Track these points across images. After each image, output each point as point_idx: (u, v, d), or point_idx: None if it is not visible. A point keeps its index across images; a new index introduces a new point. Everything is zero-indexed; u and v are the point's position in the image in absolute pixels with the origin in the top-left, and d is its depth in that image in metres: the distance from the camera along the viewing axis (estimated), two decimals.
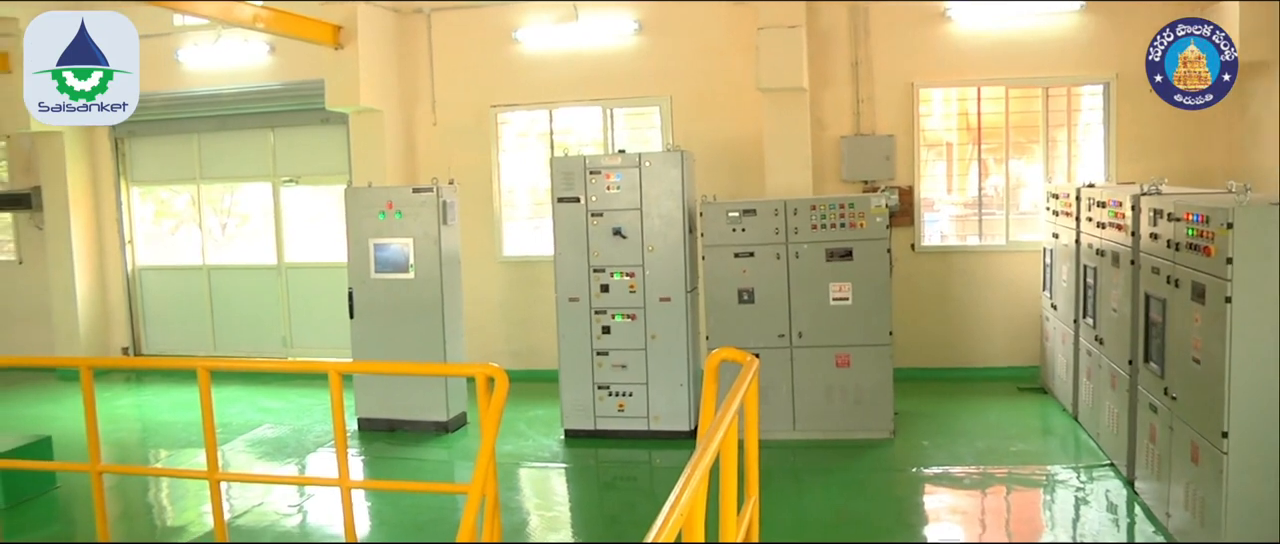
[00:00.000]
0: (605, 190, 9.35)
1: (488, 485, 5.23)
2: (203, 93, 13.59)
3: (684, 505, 2.66)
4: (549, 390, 10.17)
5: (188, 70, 13.70)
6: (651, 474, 9.02)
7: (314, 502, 8.27)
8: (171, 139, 14.20)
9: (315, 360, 12.40)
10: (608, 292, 9.38)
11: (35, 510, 8.48)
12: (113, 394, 12.87)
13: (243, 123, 13.63)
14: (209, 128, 13.87)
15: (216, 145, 14.02)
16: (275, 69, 13.25)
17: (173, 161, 14.34)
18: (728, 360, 4.54)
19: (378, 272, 9.97)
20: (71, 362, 9.84)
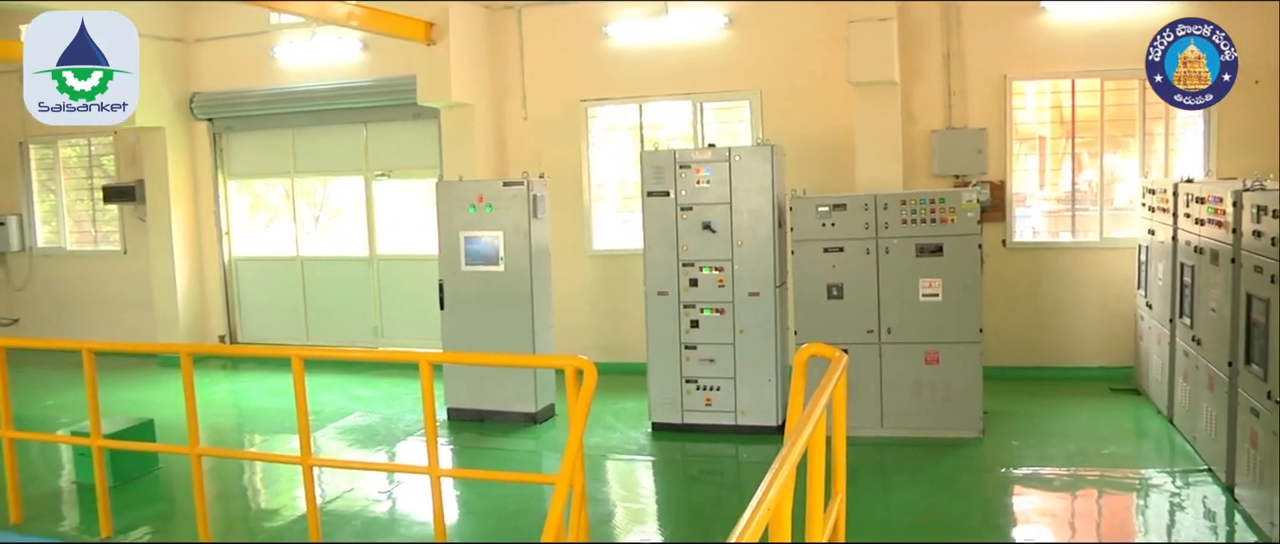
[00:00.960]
0: (695, 184, 9.35)
1: (575, 477, 5.29)
2: (298, 89, 13.88)
3: (771, 501, 2.67)
4: (637, 383, 10.21)
5: (283, 67, 14.03)
6: (738, 469, 9.01)
7: (403, 489, 8.41)
8: (267, 134, 14.53)
9: (406, 350, 12.56)
10: (696, 286, 9.39)
11: (140, 489, 8.76)
12: (210, 380, 13.21)
13: (336, 118, 13.88)
14: (303, 123, 14.16)
15: (310, 140, 14.30)
16: (368, 65, 13.48)
17: (268, 156, 14.67)
18: (816, 356, 4.53)
19: (468, 264, 10.09)
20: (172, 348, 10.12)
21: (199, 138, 14.81)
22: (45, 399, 12.29)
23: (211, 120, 14.70)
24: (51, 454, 10.01)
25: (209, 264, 15.02)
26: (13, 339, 10.30)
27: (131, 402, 11.69)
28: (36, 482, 9.08)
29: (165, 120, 14.35)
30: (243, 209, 15.24)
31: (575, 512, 5.42)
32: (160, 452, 8.96)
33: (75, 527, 8.07)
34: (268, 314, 14.97)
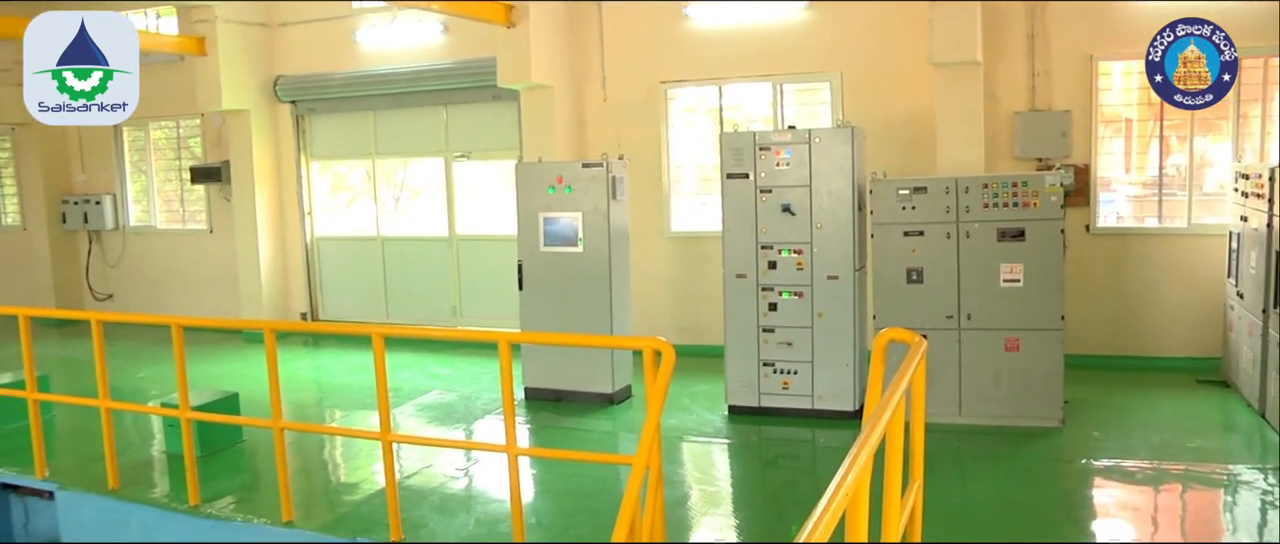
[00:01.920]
0: (774, 167, 9.30)
1: (652, 458, 5.31)
2: (379, 72, 14.05)
3: (849, 487, 2.66)
4: (713, 366, 10.21)
5: (365, 51, 14.21)
6: (814, 453, 8.98)
7: (480, 466, 8.51)
8: (349, 116, 14.74)
9: (485, 330, 12.68)
10: (775, 268, 9.36)
11: (225, 461, 9.01)
12: (292, 356, 13.47)
13: (417, 100, 14.03)
14: (384, 105, 14.33)
15: (391, 122, 14.47)
16: (448, 48, 13.60)
17: (350, 137, 14.89)
18: (896, 341, 4.50)
19: (547, 245, 10.15)
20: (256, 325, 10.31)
21: (282, 120, 15.08)
22: (137, 371, 12.66)
23: (295, 103, 14.94)
24: (143, 424, 10.30)
25: (291, 243, 15.30)
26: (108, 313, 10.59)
27: (217, 375, 11.95)
28: (130, 450, 9.40)
29: (250, 103, 14.62)
30: (324, 189, 15.48)
31: (651, 493, 5.44)
32: (245, 425, 9.16)
33: (165, 494, 8.32)
34: (348, 293, 15.20)
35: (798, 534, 2.35)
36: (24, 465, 8.93)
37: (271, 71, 14.88)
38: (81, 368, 12.29)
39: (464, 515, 7.41)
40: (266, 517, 7.51)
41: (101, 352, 8.17)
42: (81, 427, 9.98)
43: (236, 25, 14.38)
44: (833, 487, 2.62)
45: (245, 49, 14.55)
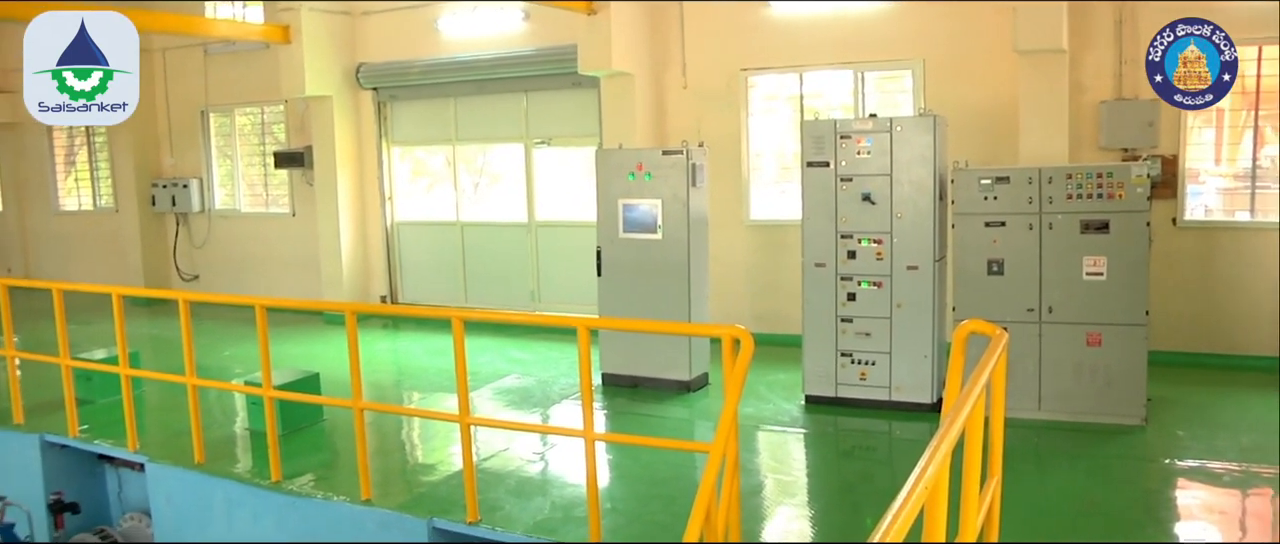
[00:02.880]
0: (855, 155, 9.22)
1: (729, 446, 5.31)
2: (460, 59, 14.17)
3: (929, 480, 2.65)
4: (791, 355, 10.18)
5: (446, 38, 14.35)
6: (890, 445, 8.92)
7: (556, 451, 8.56)
8: (430, 103, 14.92)
9: (564, 315, 12.75)
10: (854, 258, 9.28)
11: (306, 439, 9.21)
12: (372, 338, 13.66)
13: (497, 87, 14.12)
14: (465, 92, 14.46)
15: (472, 108, 14.60)
16: (529, 35, 13.67)
17: (430, 124, 15.06)
18: (976, 333, 4.46)
19: (626, 231, 10.18)
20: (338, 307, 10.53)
21: (364, 106, 15.28)
22: (222, 350, 12.94)
23: (376, 89, 15.13)
24: (227, 401, 10.51)
25: (372, 227, 15.50)
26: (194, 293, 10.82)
27: (298, 355, 12.17)
28: (215, 426, 9.62)
29: (333, 90, 14.84)
30: (404, 175, 15.66)
31: (727, 481, 5.44)
32: (325, 404, 9.31)
33: (248, 469, 8.53)
34: (428, 276, 15.38)
35: (875, 528, 2.34)
36: (117, 438, 9.24)
37: (354, 59, 15.07)
38: (169, 346, 12.62)
39: (540, 499, 7.46)
40: (345, 494, 7.64)
41: (188, 330, 8.39)
42: (169, 402, 10.23)
43: (320, 14, 14.60)
44: (912, 481, 2.61)
45: (329, 37, 14.76)
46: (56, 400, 9.89)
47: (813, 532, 6.77)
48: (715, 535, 5.29)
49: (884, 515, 2.41)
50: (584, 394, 6.31)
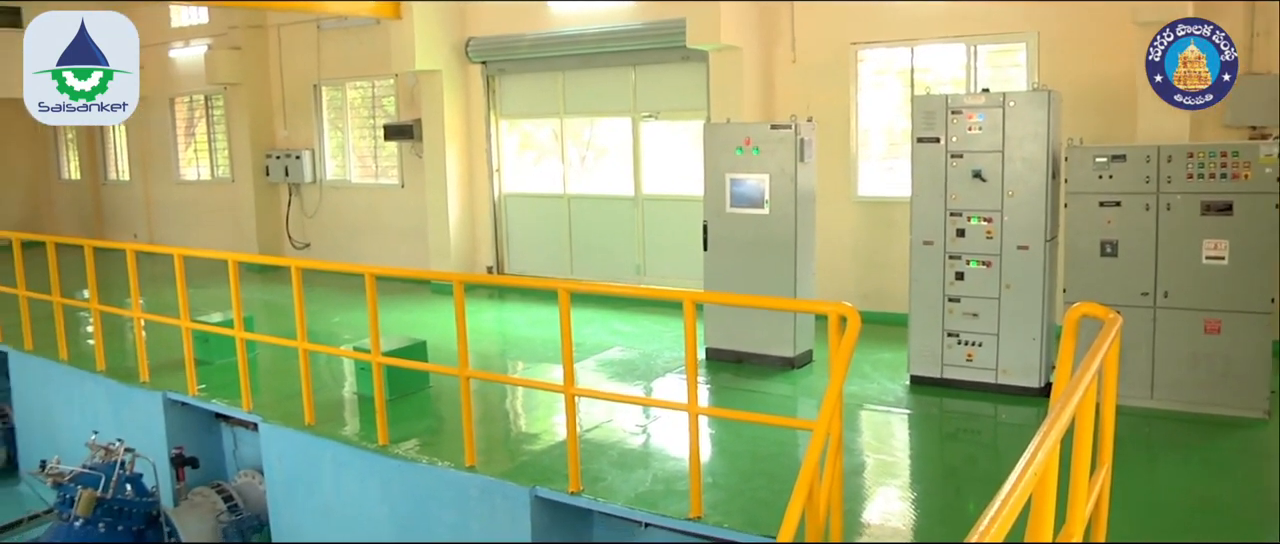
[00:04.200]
0: (966, 131, 9.02)
1: (833, 424, 5.28)
2: (568, 33, 14.22)
3: (1038, 466, 2.60)
4: (895, 334, 10.07)
5: (554, 12, 14.46)
6: (995, 429, 8.75)
7: (658, 424, 8.59)
8: (538, 76, 15.01)
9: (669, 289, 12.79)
10: (963, 236, 9.10)
11: (412, 404, 9.38)
12: (478, 308, 13.83)
13: (605, 61, 14.13)
14: (573, 66, 14.51)
15: (579, 82, 14.65)
16: (638, 9, 13.67)
17: (538, 97, 15.15)
18: (1088, 316, 4.35)
19: (733, 206, 10.14)
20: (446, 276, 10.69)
21: (473, 80, 15.44)
22: (331, 317, 13.24)
23: (485, 63, 15.27)
24: (336, 366, 10.76)
25: (479, 199, 15.68)
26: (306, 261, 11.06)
27: (405, 323, 12.39)
28: (324, 389, 9.88)
29: (442, 64, 15.02)
30: (512, 148, 15.78)
31: (831, 460, 5.42)
32: (432, 371, 9.46)
33: (356, 433, 8.73)
34: (534, 248, 15.51)
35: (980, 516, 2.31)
36: (232, 398, 9.56)
37: (463, 33, 15.21)
38: (281, 311, 12.98)
39: (641, 471, 7.49)
40: (450, 460, 7.78)
41: (300, 297, 8.63)
42: (281, 365, 10.53)
43: None
44: (1020, 468, 2.56)
45: (438, 13, 14.94)
46: (177, 360, 10.27)
47: (914, 515, 6.68)
48: (817, 514, 5.27)
49: (990, 503, 2.37)
50: (689, 368, 6.33)
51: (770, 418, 8.40)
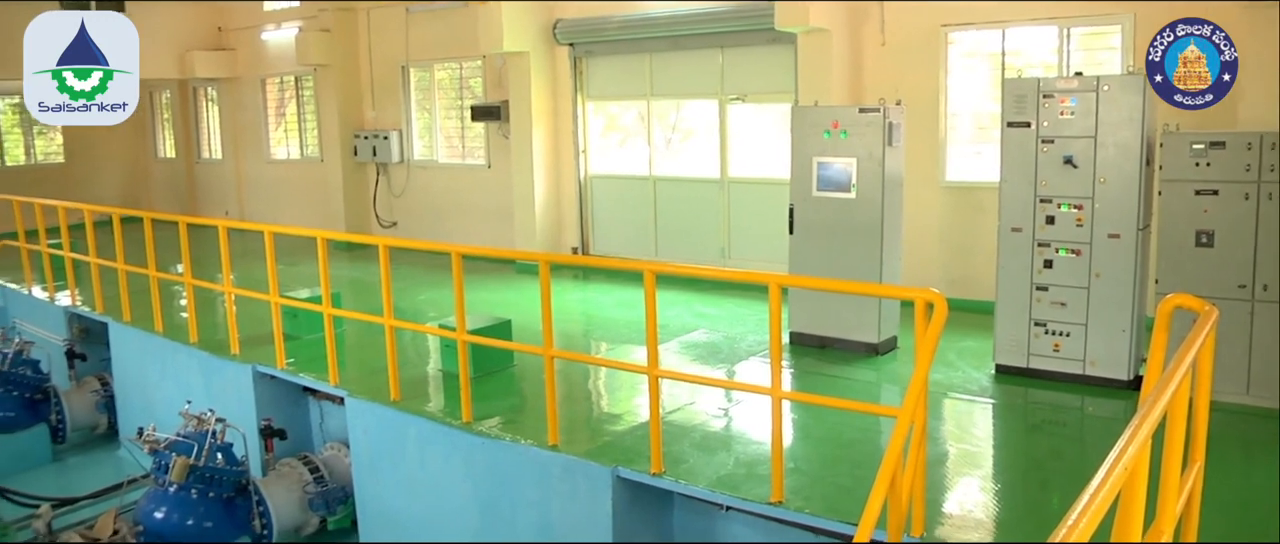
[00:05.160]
0: (1058, 115, 8.82)
1: (918, 412, 5.23)
2: (656, 15, 14.20)
3: (1129, 461, 2.55)
4: (981, 322, 9.95)
5: None
6: (1082, 422, 8.59)
7: (740, 408, 8.57)
8: (625, 58, 15.01)
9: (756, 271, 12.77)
10: (1053, 224, 8.93)
11: (496, 382, 9.46)
12: (562, 288, 13.88)
13: (693, 43, 14.08)
14: (660, 47, 14.48)
15: (667, 64, 14.63)
16: None
17: (625, 79, 15.16)
18: (1182, 308, 4.26)
19: (819, 190, 10.07)
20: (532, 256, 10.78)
21: (560, 62, 15.49)
22: (417, 294, 13.41)
23: (572, 45, 15.31)
24: (421, 343, 10.91)
25: (565, 180, 15.75)
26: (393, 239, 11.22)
27: (490, 302, 12.52)
28: (409, 366, 10.04)
29: (529, 45, 15.10)
30: (597, 129, 15.82)
31: (914, 448, 5.37)
32: (517, 350, 9.53)
33: (440, 409, 8.86)
34: (619, 229, 15.55)
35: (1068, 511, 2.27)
36: (319, 372, 9.75)
37: (551, 15, 15.27)
38: (368, 288, 13.19)
39: (723, 454, 7.49)
40: (532, 439, 7.85)
41: (387, 274, 8.76)
42: (367, 341, 10.72)
43: None
44: (1109, 462, 2.51)
45: None
46: (266, 334, 10.49)
47: (996, 507, 6.59)
48: (899, 503, 5.23)
49: (1077, 499, 2.33)
50: (773, 351, 6.31)
51: (853, 404, 8.34)
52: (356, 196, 18.83)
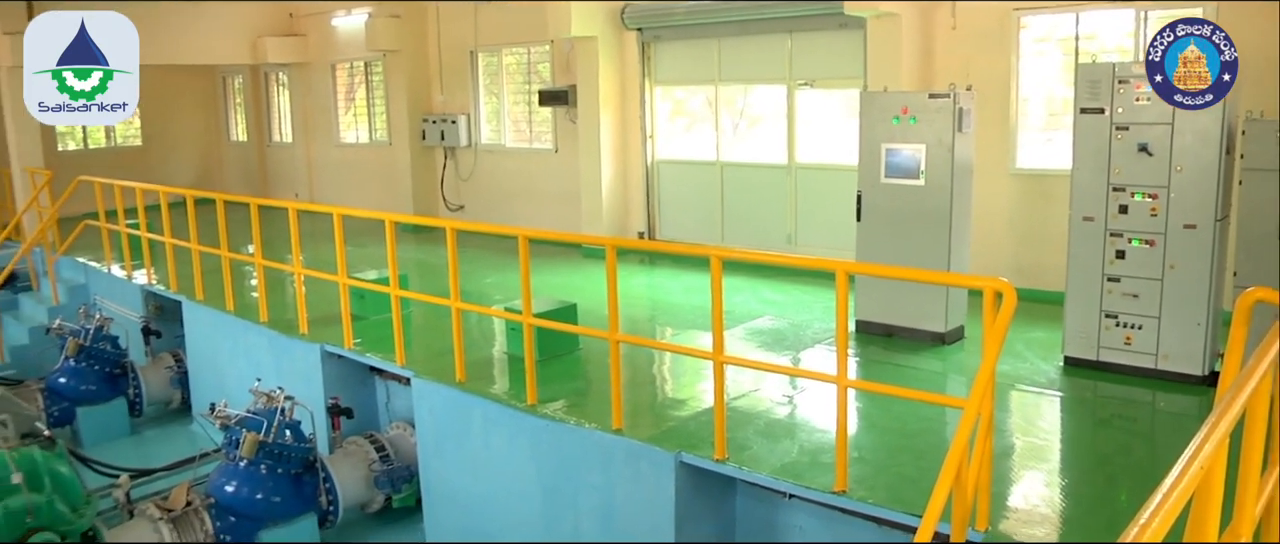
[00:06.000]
0: (1133, 102, 8.56)
1: (985, 403, 5.16)
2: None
3: (1205, 459, 2.48)
4: (1050, 313, 9.80)
5: None
6: (1153, 417, 8.39)
7: (805, 396, 8.52)
8: (693, 43, 14.95)
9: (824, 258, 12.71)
10: (1126, 213, 8.72)
11: (561, 366, 9.50)
12: (628, 273, 13.88)
13: (761, 27, 13.99)
14: (728, 32, 14.41)
15: (735, 49, 14.55)
16: None
17: (693, 64, 15.10)
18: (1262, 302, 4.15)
19: (887, 176, 9.96)
20: (599, 240, 10.80)
21: (628, 46, 15.47)
22: (483, 277, 13.48)
23: (640, 30, 15.28)
24: (486, 326, 10.98)
25: (632, 165, 15.74)
26: (460, 222, 11.28)
27: (556, 286, 12.55)
28: (475, 348, 10.11)
29: (598, 30, 15.10)
30: (664, 114, 15.79)
31: (980, 440, 5.30)
32: (582, 334, 9.55)
33: (505, 391, 8.90)
34: (685, 214, 15.52)
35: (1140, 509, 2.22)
36: (386, 352, 9.86)
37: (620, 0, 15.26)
38: (435, 270, 13.30)
39: (787, 441, 7.45)
40: (596, 422, 7.87)
41: (454, 257, 8.80)
42: (433, 323, 10.81)
43: None
44: (1184, 461, 2.45)
45: None
46: (334, 315, 10.63)
47: (1063, 502, 6.48)
48: (964, 495, 5.17)
49: (1150, 497, 2.28)
50: (840, 339, 6.26)
51: (919, 394, 8.19)
52: (424, 180, 19.00)
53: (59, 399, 13.10)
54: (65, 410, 13.09)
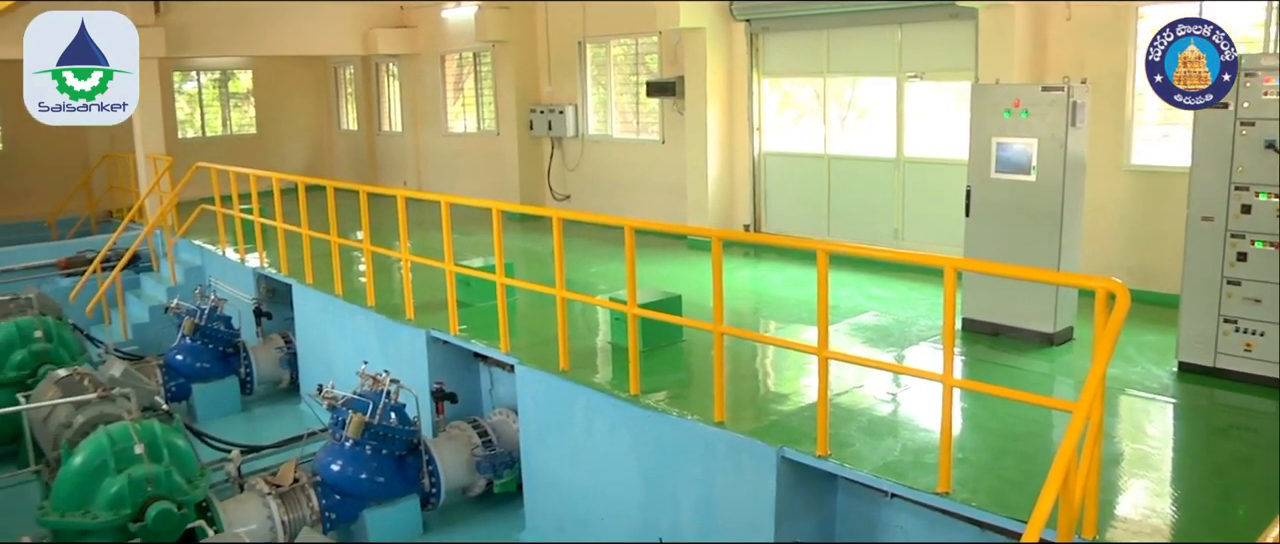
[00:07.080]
0: (1260, 96, 8.20)
1: (1094, 407, 5.05)
2: None
3: None
4: (1164, 316, 9.54)
5: None
6: (1274, 428, 8.00)
7: (908, 393, 8.43)
8: (802, 35, 14.86)
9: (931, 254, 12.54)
10: (1249, 213, 8.39)
11: (664, 356, 9.55)
12: (733, 265, 13.82)
13: (871, 19, 13.84)
14: (838, 24, 14.30)
15: (844, 41, 14.41)
16: None
17: (802, 56, 15.01)
18: None
19: (998, 171, 9.78)
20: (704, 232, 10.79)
21: (736, 38, 15.42)
22: (589, 267, 13.58)
23: (749, 21, 15.22)
24: (590, 315, 11.06)
25: (739, 157, 15.70)
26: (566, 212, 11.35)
27: (661, 277, 12.57)
28: (579, 337, 10.20)
29: (706, 21, 15.10)
30: (772, 106, 15.71)
31: (1089, 446, 5.19)
32: (686, 326, 9.55)
33: (608, 381, 8.96)
34: (791, 208, 15.44)
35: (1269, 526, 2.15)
36: (491, 339, 10.02)
37: None
38: (540, 259, 13.42)
39: (890, 440, 7.38)
40: (699, 414, 7.87)
41: (560, 246, 8.89)
42: (538, 311, 10.91)
43: None
44: None
45: None
46: (440, 301, 10.83)
47: (1175, 513, 6.29)
48: (1071, 502, 5.06)
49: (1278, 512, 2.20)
50: (946, 337, 6.18)
51: (1027, 396, 8.00)
52: (531, 169, 19.18)
53: (176, 375, 13.71)
54: (181, 386, 13.71)
